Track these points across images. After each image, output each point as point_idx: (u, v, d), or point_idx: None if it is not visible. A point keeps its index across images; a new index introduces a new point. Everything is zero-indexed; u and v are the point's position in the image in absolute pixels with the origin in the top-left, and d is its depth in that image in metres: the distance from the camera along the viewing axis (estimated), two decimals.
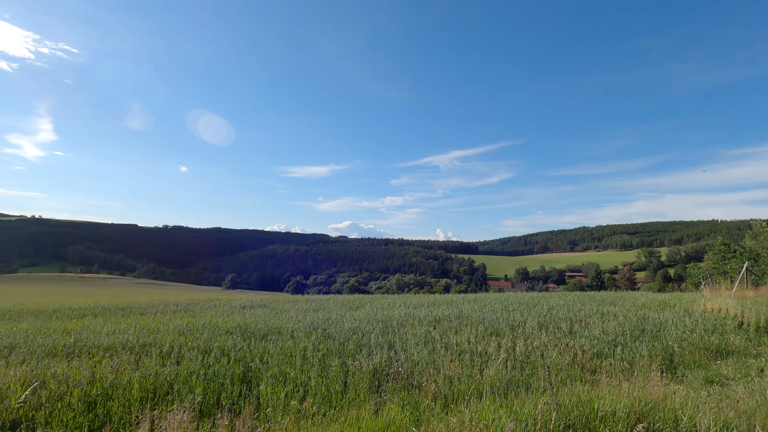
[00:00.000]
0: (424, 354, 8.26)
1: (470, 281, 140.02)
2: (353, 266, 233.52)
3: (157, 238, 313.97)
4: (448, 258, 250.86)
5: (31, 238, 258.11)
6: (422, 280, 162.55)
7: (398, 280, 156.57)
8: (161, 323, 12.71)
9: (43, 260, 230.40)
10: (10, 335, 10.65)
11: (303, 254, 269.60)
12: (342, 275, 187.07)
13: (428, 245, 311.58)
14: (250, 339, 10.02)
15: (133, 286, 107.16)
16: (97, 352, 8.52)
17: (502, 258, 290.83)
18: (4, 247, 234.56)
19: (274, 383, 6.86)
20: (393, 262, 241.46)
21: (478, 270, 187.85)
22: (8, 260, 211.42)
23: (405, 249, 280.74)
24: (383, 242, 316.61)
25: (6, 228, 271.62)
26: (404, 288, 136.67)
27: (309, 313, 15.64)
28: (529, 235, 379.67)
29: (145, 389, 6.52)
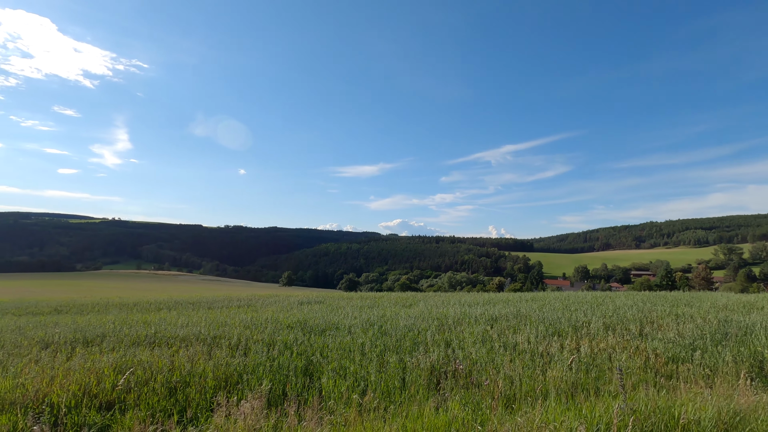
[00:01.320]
0: (483, 353, 8.12)
1: (525, 279, 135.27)
2: (404, 264, 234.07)
3: (219, 237, 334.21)
4: (502, 255, 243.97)
5: (112, 239, 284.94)
6: (475, 278, 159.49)
7: (450, 278, 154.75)
8: (228, 317, 13.53)
9: (122, 258, 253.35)
10: (100, 326, 11.84)
11: (355, 252, 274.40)
12: (393, 273, 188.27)
13: (480, 243, 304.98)
14: (310, 334, 10.39)
15: (200, 283, 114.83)
16: (174, 343, 9.26)
17: (559, 255, 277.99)
18: (90, 247, 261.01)
19: (334, 377, 7.07)
20: (444, 259, 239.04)
21: (533, 268, 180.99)
22: (94, 258, 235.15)
23: (456, 246, 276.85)
24: (434, 240, 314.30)
25: (91, 229, 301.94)
26: (456, 286, 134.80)
27: (364, 309, 15.93)
28: (589, 231, 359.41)
29: (218, 378, 6.98)
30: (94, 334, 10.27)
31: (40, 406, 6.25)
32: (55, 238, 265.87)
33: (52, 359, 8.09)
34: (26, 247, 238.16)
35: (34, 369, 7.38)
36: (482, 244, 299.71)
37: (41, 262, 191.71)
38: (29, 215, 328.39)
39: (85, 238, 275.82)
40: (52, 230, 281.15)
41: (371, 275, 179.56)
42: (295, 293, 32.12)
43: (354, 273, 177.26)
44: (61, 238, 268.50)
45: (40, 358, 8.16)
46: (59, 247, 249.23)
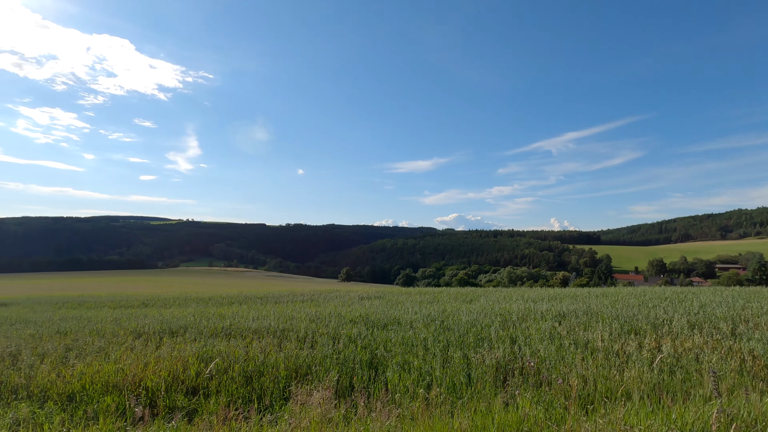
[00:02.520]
0: (551, 350, 7.79)
1: (592, 274, 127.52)
2: (461, 259, 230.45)
3: (281, 235, 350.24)
4: (565, 249, 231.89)
5: (187, 238, 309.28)
6: (536, 273, 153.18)
7: (510, 272, 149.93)
8: (294, 311, 14.16)
9: (196, 256, 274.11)
10: (182, 318, 12.91)
11: (411, 248, 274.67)
12: (450, 268, 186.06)
13: (542, 236, 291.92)
14: (372, 328, 10.58)
15: (265, 278, 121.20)
16: (248, 335, 9.86)
17: (630, 248, 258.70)
18: (168, 246, 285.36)
19: (399, 371, 7.15)
20: (503, 254, 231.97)
21: (601, 262, 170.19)
22: (172, 256, 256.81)
23: (516, 240, 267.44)
24: (492, 234, 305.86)
25: (169, 230, 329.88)
26: (516, 281, 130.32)
27: (424, 305, 15.91)
28: (665, 221, 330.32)
29: (289, 368, 7.34)
30: (177, 325, 11.22)
31: (137, 389, 6.95)
32: (139, 238, 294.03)
33: (144, 347, 8.95)
34: (116, 246, 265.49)
35: (130, 356, 8.21)
36: (544, 237, 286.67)
37: (129, 261, 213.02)
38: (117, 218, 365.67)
39: (164, 238, 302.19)
40: (136, 232, 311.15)
41: (428, 270, 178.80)
42: (354, 288, 32.86)
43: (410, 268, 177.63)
44: (144, 238, 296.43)
45: (135, 346, 9.06)
46: (143, 247, 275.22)
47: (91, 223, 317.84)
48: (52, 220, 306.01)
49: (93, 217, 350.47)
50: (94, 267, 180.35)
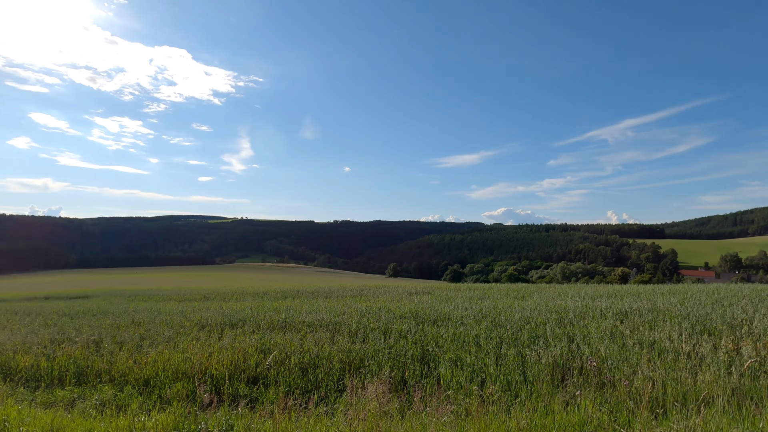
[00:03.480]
0: (613, 350, 7.38)
1: (655, 270, 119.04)
2: (511, 254, 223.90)
3: (329, 231, 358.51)
4: (624, 244, 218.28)
5: (242, 236, 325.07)
6: (592, 269, 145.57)
7: (563, 268, 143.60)
8: (344, 306, 14.46)
9: (250, 252, 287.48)
10: (240, 311, 13.61)
11: (458, 243, 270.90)
12: (499, 264, 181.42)
13: (598, 230, 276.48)
14: (423, 323, 10.57)
15: (314, 274, 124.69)
16: (302, 328, 10.21)
17: (698, 242, 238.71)
18: (225, 243, 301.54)
19: (451, 367, 7.10)
20: (555, 249, 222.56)
21: (665, 257, 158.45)
22: (228, 253, 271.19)
23: (569, 235, 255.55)
24: (543, 228, 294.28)
25: (226, 228, 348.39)
26: (570, 277, 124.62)
27: (474, 301, 15.66)
28: (741, 212, 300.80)
29: (342, 361, 7.51)
30: (236, 318, 11.84)
31: (204, 377, 7.42)
32: (199, 236, 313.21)
33: (207, 338, 9.54)
34: (179, 244, 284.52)
35: (196, 346, 8.78)
36: (600, 231, 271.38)
37: (190, 257, 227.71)
38: (180, 218, 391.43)
39: (221, 236, 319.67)
40: (197, 230, 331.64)
41: (476, 266, 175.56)
42: (402, 284, 32.98)
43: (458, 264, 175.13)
44: (203, 236, 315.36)
45: (199, 337, 9.67)
46: (202, 244, 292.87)
47: (157, 223, 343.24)
48: (123, 220, 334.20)
49: (158, 216, 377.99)
50: (160, 263, 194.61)
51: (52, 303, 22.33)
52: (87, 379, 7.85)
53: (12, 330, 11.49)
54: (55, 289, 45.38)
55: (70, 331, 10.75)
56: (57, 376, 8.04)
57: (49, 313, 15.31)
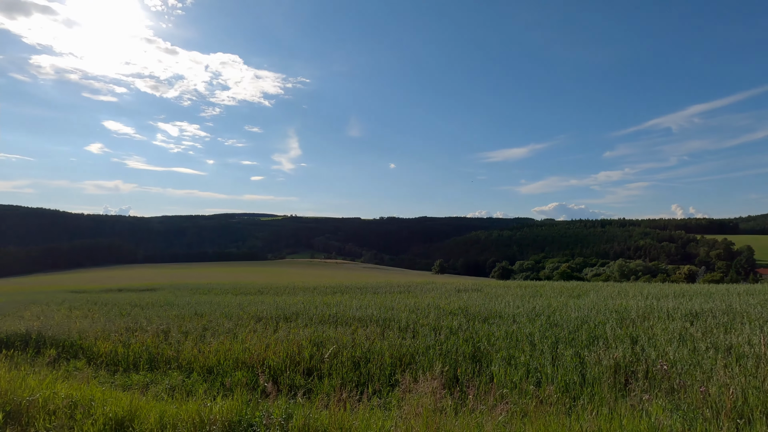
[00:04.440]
0: (684, 354, 6.87)
1: (728, 268, 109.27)
2: (563, 251, 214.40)
3: (375, 228, 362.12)
4: (691, 240, 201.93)
5: (291, 232, 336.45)
6: (654, 267, 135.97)
7: (621, 266, 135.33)
8: (393, 302, 14.55)
9: (299, 248, 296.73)
10: (293, 305, 14.09)
11: (507, 239, 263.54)
12: (551, 261, 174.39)
13: (661, 225, 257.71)
14: (473, 321, 10.40)
15: (361, 270, 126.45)
16: (352, 323, 10.40)
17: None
18: (276, 240, 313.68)
19: (504, 365, 6.94)
20: (613, 245, 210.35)
21: (740, 254, 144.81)
22: (279, 249, 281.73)
23: (628, 230, 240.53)
24: (599, 224, 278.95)
25: (276, 225, 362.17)
26: (629, 275, 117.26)
27: (525, 298, 15.19)
28: None
29: (393, 356, 7.57)
30: (290, 312, 12.27)
31: (261, 367, 7.77)
32: (252, 233, 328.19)
33: (264, 330, 9.97)
34: (234, 240, 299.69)
35: (254, 337, 9.20)
36: (663, 226, 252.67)
37: (244, 253, 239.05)
38: (234, 216, 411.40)
39: (272, 233, 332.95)
40: (250, 227, 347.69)
41: (526, 263, 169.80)
42: (449, 281, 32.65)
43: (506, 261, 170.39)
44: (256, 233, 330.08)
45: (256, 329, 10.13)
46: (255, 241, 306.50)
47: (213, 221, 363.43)
48: (184, 218, 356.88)
49: (215, 214, 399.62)
50: (216, 258, 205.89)
51: (124, 295, 24.33)
52: (158, 365, 8.48)
53: (93, 319, 12.65)
54: (126, 282, 49.42)
55: (142, 321, 11.65)
56: (132, 361, 8.76)
57: (123, 304, 16.69)
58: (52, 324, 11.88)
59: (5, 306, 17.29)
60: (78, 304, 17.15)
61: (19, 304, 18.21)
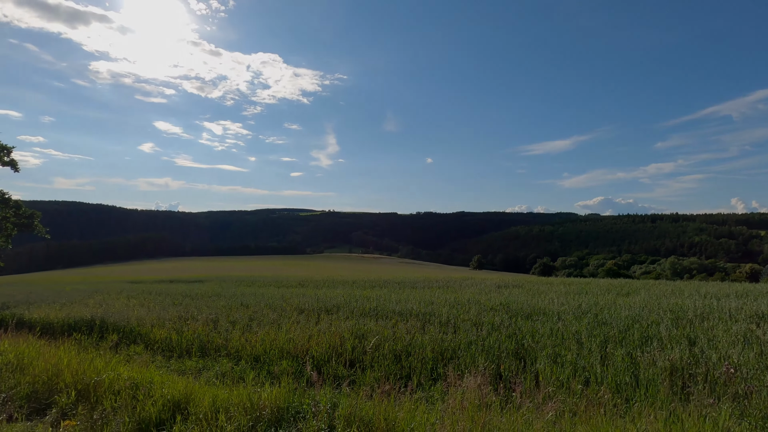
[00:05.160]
0: (749, 357, 6.39)
1: None
2: (609, 247, 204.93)
3: (412, 223, 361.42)
4: (754, 236, 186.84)
5: (329, 227, 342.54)
6: (711, 265, 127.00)
7: (673, 263, 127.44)
8: (432, 296, 14.48)
9: (337, 243, 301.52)
10: (333, 298, 14.35)
11: (548, 235, 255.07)
12: (595, 257, 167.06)
13: (719, 220, 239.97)
14: (516, 317, 10.17)
15: (398, 264, 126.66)
16: (393, 316, 10.45)
17: None
18: (314, 234, 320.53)
19: (550, 363, 6.74)
20: (664, 242, 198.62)
21: None
22: (317, 243, 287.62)
23: (681, 226, 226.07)
24: (649, 218, 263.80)
25: (315, 220, 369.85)
26: (682, 274, 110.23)
27: (570, 295, 14.67)
28: None
29: (434, 351, 7.54)
30: (331, 304, 12.51)
31: (305, 357, 7.98)
32: (291, 228, 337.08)
33: (306, 322, 10.22)
34: (274, 235, 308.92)
35: (297, 328, 9.46)
36: (722, 221, 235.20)
37: (284, 247, 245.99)
38: (274, 211, 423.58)
39: (311, 228, 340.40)
40: (289, 222, 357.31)
41: (568, 260, 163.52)
42: (489, 276, 32.07)
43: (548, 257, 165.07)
44: (295, 227, 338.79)
45: (299, 320, 10.40)
46: (294, 235, 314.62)
47: (255, 216, 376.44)
48: (227, 214, 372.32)
49: (257, 210, 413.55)
50: (258, 252, 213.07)
51: (175, 286, 25.72)
52: (208, 352, 8.91)
53: (149, 307, 13.46)
54: (176, 273, 52.23)
55: (193, 311, 12.27)
56: (185, 348, 9.25)
57: (174, 294, 17.65)
58: (112, 311, 12.78)
59: (72, 294, 18.75)
60: (134, 294, 18.32)
61: (83, 293, 19.69)
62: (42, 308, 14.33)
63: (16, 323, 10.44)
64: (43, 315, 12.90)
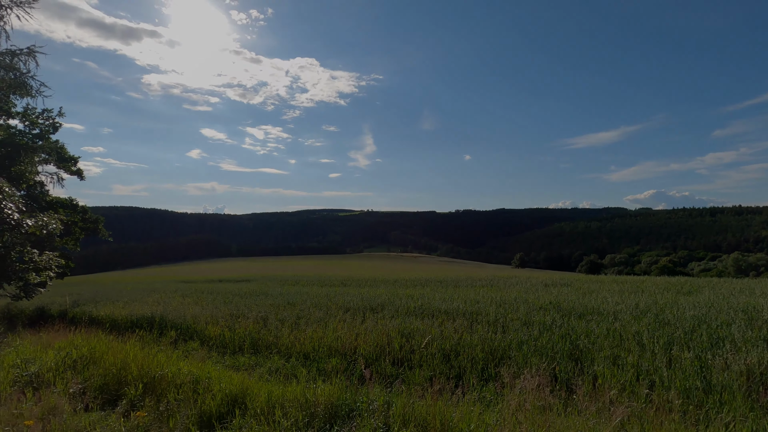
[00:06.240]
0: None
1: None
2: (663, 243, 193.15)
3: (450, 221, 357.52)
4: None
5: (368, 227, 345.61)
6: None
7: (737, 260, 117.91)
8: (477, 295, 14.20)
9: (375, 242, 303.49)
10: (376, 297, 14.40)
11: (595, 231, 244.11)
12: (648, 254, 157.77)
13: None
14: (568, 316, 9.77)
15: (437, 263, 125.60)
16: (438, 315, 10.33)
17: None
18: (353, 234, 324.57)
19: (609, 366, 6.41)
20: (726, 237, 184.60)
21: None
22: (357, 243, 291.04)
23: (746, 219, 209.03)
24: (707, 212, 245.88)
25: (353, 220, 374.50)
26: (747, 271, 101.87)
27: (624, 294, 13.91)
28: None
29: (484, 351, 7.37)
30: (375, 303, 12.55)
31: (353, 355, 8.05)
32: (331, 228, 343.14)
33: (352, 320, 10.31)
34: (315, 235, 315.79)
35: (343, 327, 9.55)
36: None
37: (324, 247, 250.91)
38: (314, 212, 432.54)
39: (350, 228, 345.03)
40: (329, 222, 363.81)
41: (618, 257, 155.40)
42: (534, 275, 31.09)
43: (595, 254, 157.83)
44: (335, 228, 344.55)
45: (345, 319, 10.51)
46: (334, 235, 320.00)
47: (296, 217, 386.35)
48: (270, 215, 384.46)
49: (298, 211, 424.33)
50: (300, 252, 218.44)
51: (224, 285, 26.83)
52: (259, 349, 9.19)
53: (202, 306, 14.11)
54: (224, 273, 54.53)
55: (243, 309, 12.72)
56: (238, 344, 9.60)
57: (224, 293, 18.40)
58: (170, 309, 13.49)
59: (132, 293, 20.01)
60: (188, 293, 19.26)
61: (142, 291, 20.96)
62: (107, 306, 15.38)
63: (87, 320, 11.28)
64: (108, 312, 13.84)
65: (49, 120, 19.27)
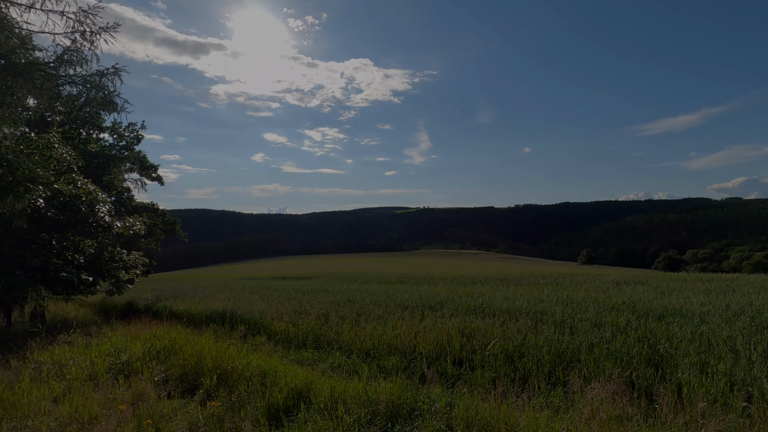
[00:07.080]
0: None
1: None
2: (757, 236, 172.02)
3: (510, 217, 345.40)
4: None
5: (424, 224, 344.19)
6: None
7: None
8: (541, 294, 13.56)
9: (432, 239, 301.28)
10: (435, 295, 14.25)
11: (673, 224, 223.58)
12: (738, 249, 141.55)
13: None
14: (645, 318, 9.00)
15: (497, 260, 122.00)
16: (500, 314, 9.99)
17: None
18: (410, 231, 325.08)
19: (695, 373, 5.80)
20: None
21: None
22: (413, 240, 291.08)
23: None
24: None
25: (409, 218, 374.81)
26: None
27: (712, 294, 12.56)
28: None
29: (551, 353, 6.99)
30: (434, 301, 12.43)
31: (413, 353, 8.02)
32: (388, 225, 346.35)
33: (411, 318, 10.28)
34: (372, 233, 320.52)
35: (402, 325, 9.55)
36: None
37: (382, 244, 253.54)
38: (371, 210, 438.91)
39: (406, 225, 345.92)
40: (386, 220, 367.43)
41: (701, 252, 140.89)
42: (603, 272, 29.08)
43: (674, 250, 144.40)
44: (391, 225, 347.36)
45: (404, 316, 10.51)
46: (391, 233, 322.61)
47: (354, 215, 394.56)
48: (329, 214, 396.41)
49: (355, 209, 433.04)
50: (358, 250, 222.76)
51: (287, 282, 28.03)
52: (321, 345, 9.46)
53: (268, 302, 14.83)
54: (287, 271, 56.98)
55: (305, 305, 13.18)
56: (301, 340, 9.96)
57: (288, 290, 19.20)
58: (239, 305, 14.34)
59: (206, 289, 21.54)
60: (255, 289, 20.36)
61: (214, 288, 22.49)
62: (185, 301, 16.68)
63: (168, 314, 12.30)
64: (186, 307, 15.00)
65: (134, 133, 21.39)
